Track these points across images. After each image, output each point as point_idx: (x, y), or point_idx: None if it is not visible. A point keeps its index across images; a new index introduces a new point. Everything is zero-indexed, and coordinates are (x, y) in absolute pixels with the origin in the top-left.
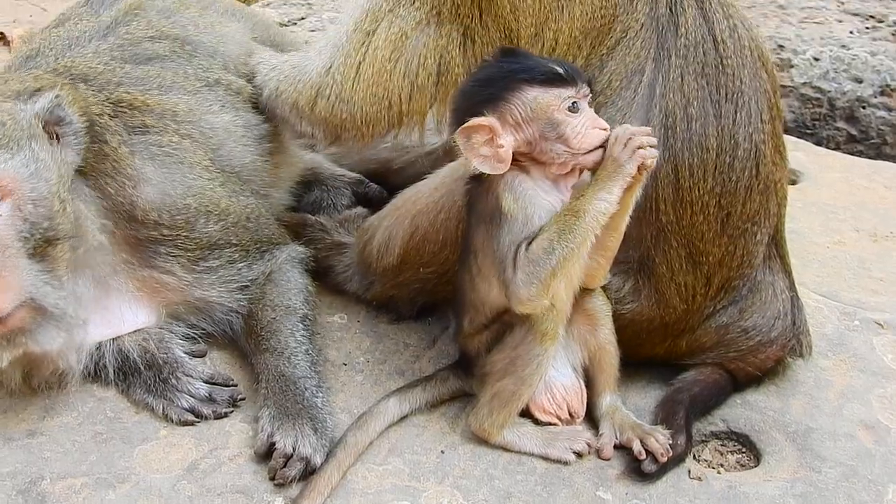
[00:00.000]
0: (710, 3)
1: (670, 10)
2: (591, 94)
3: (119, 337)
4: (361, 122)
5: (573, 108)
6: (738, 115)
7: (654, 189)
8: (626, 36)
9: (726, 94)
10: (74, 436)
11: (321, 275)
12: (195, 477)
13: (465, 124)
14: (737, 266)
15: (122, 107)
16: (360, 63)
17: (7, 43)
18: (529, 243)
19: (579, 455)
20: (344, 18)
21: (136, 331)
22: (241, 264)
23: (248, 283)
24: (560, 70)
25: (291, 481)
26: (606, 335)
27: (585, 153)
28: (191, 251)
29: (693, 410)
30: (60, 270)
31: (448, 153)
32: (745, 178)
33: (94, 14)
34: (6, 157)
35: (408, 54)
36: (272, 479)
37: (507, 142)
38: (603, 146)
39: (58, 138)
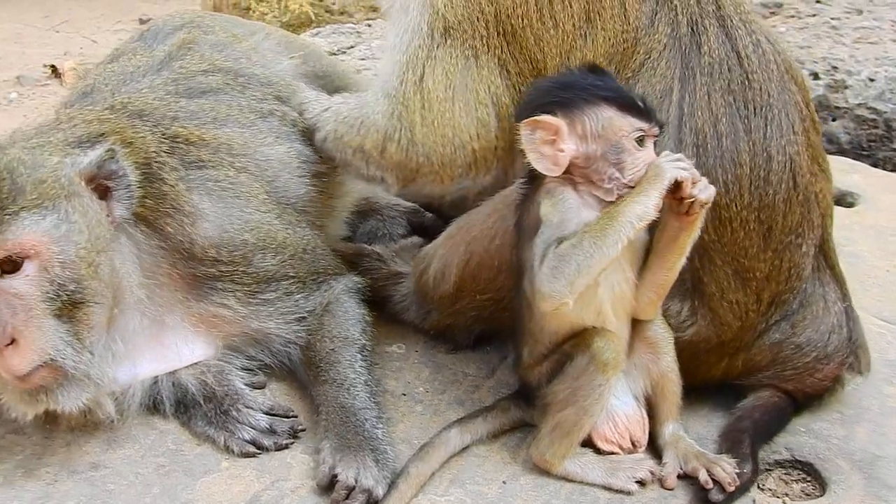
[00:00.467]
0: (732, 21)
1: (692, 29)
2: (658, 136)
3: (177, 370)
4: (438, 165)
5: (640, 142)
6: (768, 128)
7: None
8: (649, 58)
9: (754, 109)
10: (137, 468)
11: (379, 305)
12: None
13: (535, 117)
14: (785, 280)
15: (177, 142)
16: (421, 106)
17: (59, 75)
18: (560, 243)
19: (642, 484)
20: (391, 59)
21: (195, 364)
22: (298, 296)
23: (306, 315)
24: (639, 102)
25: None
26: (669, 363)
27: (630, 187)
28: (248, 285)
29: (757, 437)
30: (84, 332)
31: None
32: (782, 191)
33: (148, 49)
34: (37, 218)
35: (460, 91)
36: None
37: (569, 148)
38: None
39: (108, 191)
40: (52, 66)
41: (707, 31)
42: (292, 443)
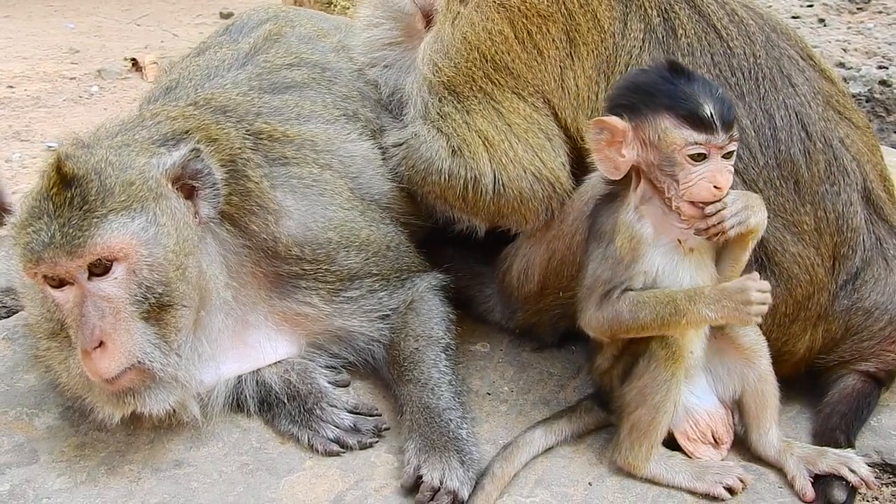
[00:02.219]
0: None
1: (663, 18)
2: (730, 143)
3: (260, 369)
4: (520, 203)
5: (696, 157)
6: (760, 88)
7: None
8: (632, 56)
9: (742, 75)
10: (221, 466)
11: (463, 304)
12: None
13: (601, 117)
14: (836, 230)
15: (261, 138)
16: (484, 150)
17: (139, 69)
18: (624, 291)
19: (731, 491)
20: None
21: (278, 362)
22: (382, 293)
23: (389, 312)
24: (705, 113)
25: None
26: (765, 367)
27: (688, 202)
28: (331, 283)
29: (850, 430)
30: (172, 335)
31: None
32: (795, 143)
33: (233, 42)
34: (126, 220)
35: (505, 129)
36: None
37: (629, 154)
38: (705, 205)
39: (194, 191)
40: (133, 60)
41: (679, 15)
42: (376, 441)
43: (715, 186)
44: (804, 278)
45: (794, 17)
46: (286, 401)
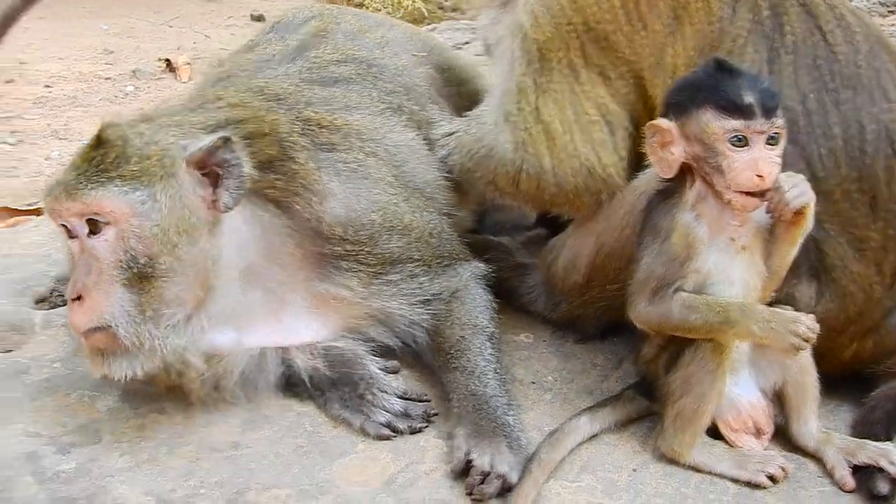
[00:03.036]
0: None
1: (773, 12)
2: (772, 130)
3: (312, 351)
4: (572, 195)
5: (738, 143)
6: (858, 99)
7: None
8: (735, 45)
9: (842, 82)
10: (276, 448)
11: (505, 295)
12: (393, 490)
13: (652, 122)
14: None
15: (310, 125)
16: (545, 138)
17: (173, 69)
18: (676, 290)
19: (773, 479)
20: (502, 90)
21: (330, 346)
22: (423, 278)
23: (431, 297)
24: (743, 100)
25: (489, 498)
26: (806, 360)
27: (737, 192)
28: (371, 266)
29: (893, 427)
30: (151, 305)
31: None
32: (881, 159)
33: (281, 39)
34: (125, 189)
35: (573, 117)
36: (469, 494)
37: (678, 151)
38: (756, 194)
39: (219, 178)
40: (167, 60)
41: (788, 12)
42: (426, 426)
43: (758, 175)
44: (859, 296)
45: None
46: (339, 385)
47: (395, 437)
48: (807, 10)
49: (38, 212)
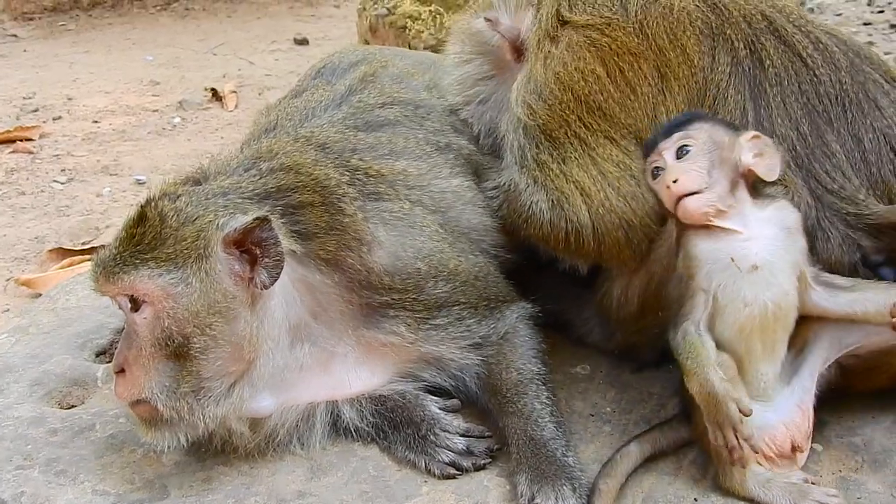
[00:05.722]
0: (787, 29)
1: (750, 50)
2: (680, 142)
3: (362, 401)
4: (616, 249)
5: (654, 175)
6: (848, 113)
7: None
8: (720, 89)
9: (830, 101)
10: (342, 495)
11: (561, 328)
12: None
13: None
14: None
15: (357, 174)
16: (580, 197)
17: (220, 98)
18: (686, 321)
19: None
20: (519, 167)
21: (391, 391)
22: (471, 321)
23: (480, 341)
24: (649, 139)
25: None
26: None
27: (677, 207)
28: (418, 312)
29: None
30: (191, 380)
31: None
32: (885, 165)
33: (328, 84)
34: (160, 272)
35: (599, 177)
36: None
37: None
38: (690, 198)
39: (256, 258)
40: (213, 90)
41: (765, 46)
42: (489, 462)
43: (668, 185)
44: None
45: (865, 24)
46: (402, 427)
47: (460, 475)
48: (783, 41)
49: (91, 251)
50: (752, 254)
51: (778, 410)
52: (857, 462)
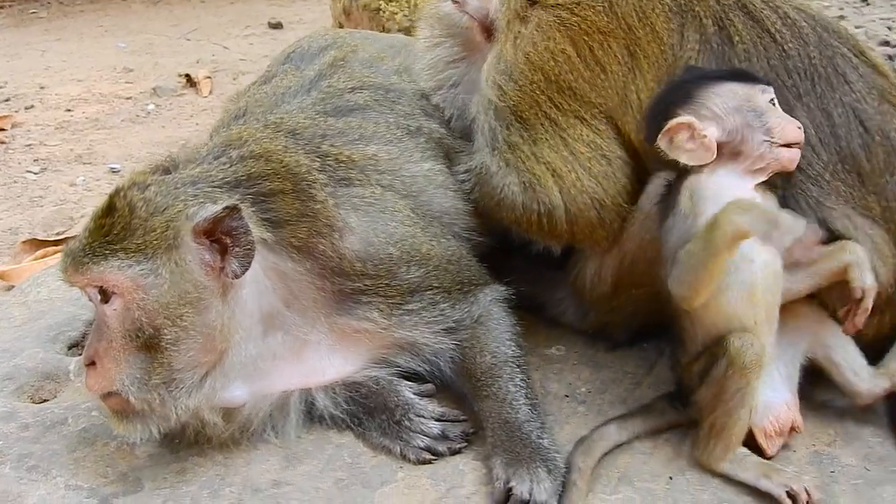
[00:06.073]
0: (755, 5)
1: (718, 26)
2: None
3: (335, 388)
4: (588, 230)
5: (772, 102)
6: (817, 87)
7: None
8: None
9: (799, 76)
10: (317, 483)
11: (535, 309)
12: None
13: (665, 128)
14: None
15: (328, 160)
16: (551, 179)
17: (194, 84)
18: (685, 244)
19: (792, 498)
20: (491, 148)
21: (365, 378)
22: (444, 305)
23: (454, 325)
24: (748, 70)
25: None
26: (823, 316)
27: (783, 146)
28: (391, 297)
29: None
30: (159, 372)
31: None
32: (855, 139)
33: (297, 69)
34: (129, 262)
35: (570, 158)
36: None
37: (711, 132)
38: (798, 147)
39: (227, 247)
40: (187, 76)
41: (734, 22)
42: (465, 446)
43: (796, 126)
44: (883, 258)
45: None
46: (376, 413)
47: (436, 460)
48: (751, 17)
49: (65, 242)
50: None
51: (777, 390)
52: (829, 436)
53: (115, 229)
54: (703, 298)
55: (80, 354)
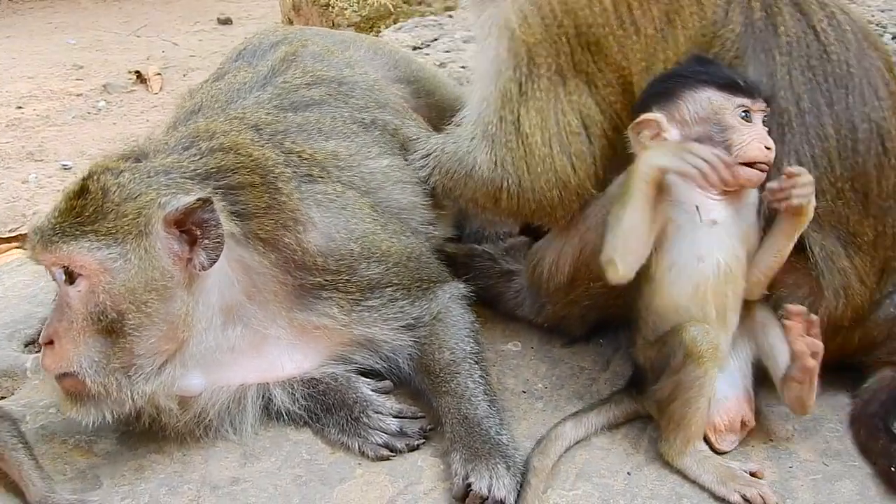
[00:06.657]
0: None
1: (766, 13)
2: (766, 111)
3: (293, 383)
4: (549, 208)
5: (745, 118)
6: (850, 98)
7: None
8: (724, 47)
9: (835, 81)
10: (275, 480)
11: (491, 302)
12: None
13: (635, 121)
14: (891, 245)
15: (291, 156)
16: (524, 154)
17: (144, 81)
18: None
19: (747, 501)
20: (482, 93)
21: (323, 374)
22: (403, 302)
23: (413, 322)
24: (739, 79)
25: None
26: (765, 315)
27: (742, 164)
28: (351, 293)
29: (889, 420)
30: (119, 356)
31: None
32: (872, 158)
33: (249, 65)
34: (98, 245)
35: (555, 128)
36: None
37: (672, 136)
38: (762, 166)
39: (196, 238)
40: (137, 72)
41: (782, 12)
42: (423, 442)
43: (766, 146)
44: (848, 292)
45: None
46: (334, 410)
47: (394, 456)
48: (799, 10)
49: (19, 238)
50: (715, 210)
51: (731, 384)
52: (787, 431)
53: (86, 211)
54: (632, 266)
55: (38, 352)
